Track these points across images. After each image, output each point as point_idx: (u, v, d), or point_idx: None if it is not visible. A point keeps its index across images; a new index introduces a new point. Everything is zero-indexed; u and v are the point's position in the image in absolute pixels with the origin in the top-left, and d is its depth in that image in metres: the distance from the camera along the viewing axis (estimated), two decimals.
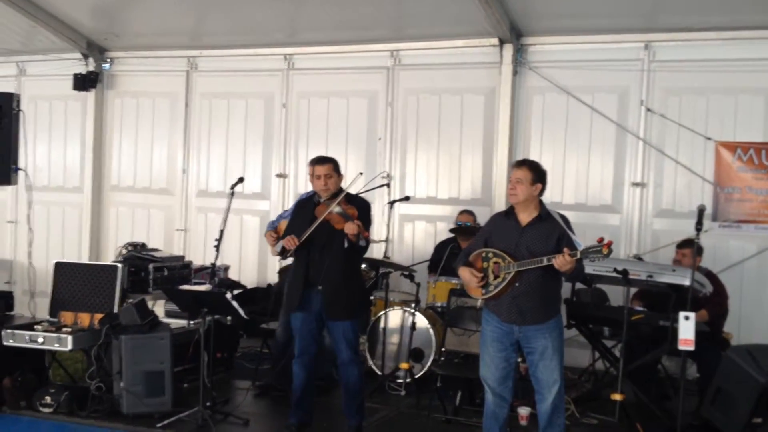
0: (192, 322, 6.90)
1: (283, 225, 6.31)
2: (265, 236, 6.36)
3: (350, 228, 5.02)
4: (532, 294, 4.59)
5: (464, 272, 4.81)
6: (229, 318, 6.88)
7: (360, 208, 5.25)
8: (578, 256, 4.31)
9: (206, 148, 9.75)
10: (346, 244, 5.13)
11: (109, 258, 9.85)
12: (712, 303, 6.26)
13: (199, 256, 9.06)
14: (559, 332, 4.71)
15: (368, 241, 5.33)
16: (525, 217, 4.71)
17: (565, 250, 4.33)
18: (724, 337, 6.48)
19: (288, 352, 6.44)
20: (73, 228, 10.34)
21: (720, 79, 7.50)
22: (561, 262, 4.32)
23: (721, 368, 5.62)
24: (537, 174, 4.70)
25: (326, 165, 5.32)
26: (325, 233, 5.19)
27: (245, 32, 9.08)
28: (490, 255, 4.71)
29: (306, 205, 5.45)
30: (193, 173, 9.84)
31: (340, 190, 5.39)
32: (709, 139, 7.53)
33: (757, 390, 5.27)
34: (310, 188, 7.42)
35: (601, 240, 4.28)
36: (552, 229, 4.62)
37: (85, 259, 9.67)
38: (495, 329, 4.74)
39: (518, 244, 4.64)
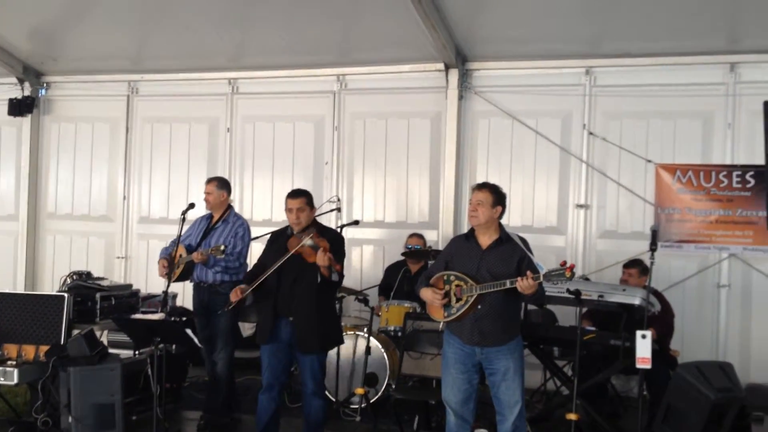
0: (138, 352, 6.72)
1: (179, 250, 6.33)
2: (158, 263, 6.35)
3: (321, 259, 4.95)
4: (493, 316, 4.63)
5: (426, 293, 4.82)
6: (174, 347, 6.72)
7: (332, 240, 5.20)
8: (541, 279, 4.36)
9: (148, 173, 9.60)
10: (319, 279, 5.08)
11: (45, 288, 9.60)
12: (659, 322, 6.40)
13: (141, 283, 8.84)
14: (519, 353, 4.76)
15: (341, 275, 5.27)
16: (485, 239, 4.76)
17: (528, 273, 4.37)
18: (671, 355, 6.63)
19: (230, 382, 6.38)
20: (8, 257, 10.03)
21: (659, 104, 7.75)
22: (525, 285, 4.36)
23: (671, 385, 5.74)
24: (497, 196, 4.75)
25: (298, 199, 5.31)
26: (296, 266, 5.12)
27: (188, 56, 8.99)
28: (452, 278, 4.73)
29: (279, 238, 5.41)
30: (134, 199, 9.68)
31: (314, 222, 5.39)
32: (649, 161, 7.75)
33: (708, 406, 5.40)
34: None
35: (563, 263, 4.34)
36: (512, 252, 4.66)
37: (20, 290, 9.34)
38: (457, 351, 4.75)
39: (479, 267, 4.67)
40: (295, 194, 5.36)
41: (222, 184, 6.58)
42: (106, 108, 9.66)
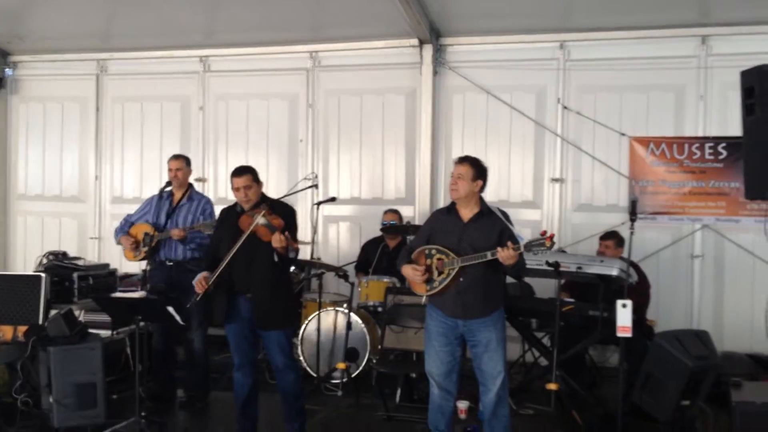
0: (116, 331, 6.68)
1: (141, 228, 6.34)
2: (120, 240, 6.38)
3: (278, 241, 4.90)
4: (475, 288, 4.65)
5: (407, 270, 4.83)
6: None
7: (285, 216, 5.12)
8: (522, 249, 4.39)
9: (120, 153, 9.52)
10: (276, 258, 5.03)
11: (17, 270, 9.46)
12: (636, 292, 6.48)
13: (115, 263, 8.73)
14: (501, 325, 4.80)
15: (297, 251, 5.25)
16: (466, 213, 4.78)
17: (509, 243, 4.40)
18: (647, 325, 6.73)
19: (168, 359, 6.39)
20: None
21: (632, 77, 7.81)
22: (505, 255, 4.38)
23: (650, 354, 5.82)
24: (478, 170, 4.77)
25: (244, 176, 5.17)
26: (250, 243, 5.02)
27: (158, 34, 8.87)
28: (434, 252, 4.75)
29: (229, 215, 5.30)
30: (106, 179, 9.59)
31: (263, 197, 5.29)
32: (623, 134, 7.83)
33: (686, 374, 5.49)
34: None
35: (543, 233, 4.38)
36: (493, 225, 4.69)
37: None
38: (440, 324, 4.78)
39: (461, 240, 4.69)
40: (239, 172, 5.21)
41: (189, 162, 6.62)
42: (75, 87, 9.54)
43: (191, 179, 6.68)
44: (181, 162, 6.51)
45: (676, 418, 5.57)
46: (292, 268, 6.84)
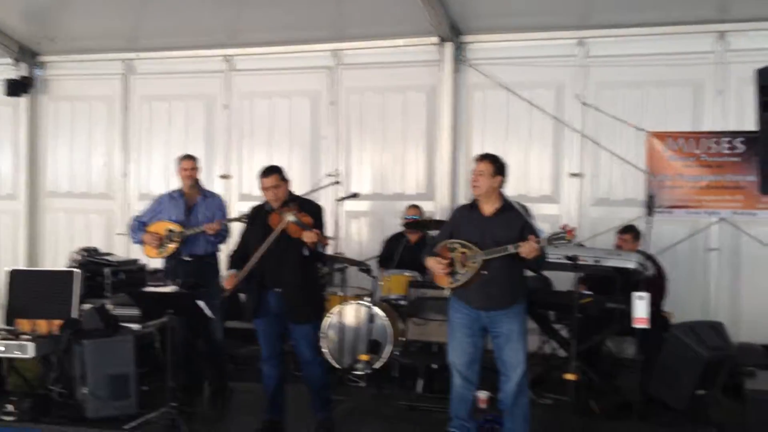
0: (144, 325, 6.87)
1: (161, 225, 6.58)
2: (144, 239, 6.64)
3: (309, 237, 5.07)
4: (499, 281, 4.81)
5: (431, 261, 4.99)
6: None
7: (313, 213, 5.30)
8: (544, 242, 4.54)
9: (147, 151, 9.72)
10: (306, 252, 5.20)
11: (47, 266, 9.70)
12: (653, 285, 6.59)
13: (143, 259, 8.98)
14: (523, 316, 4.96)
15: (327, 246, 5.44)
16: (488, 208, 4.93)
17: (531, 237, 4.56)
18: (663, 316, 6.84)
19: (192, 352, 6.56)
20: (8, 236, 10.16)
21: (650, 73, 7.91)
22: (528, 248, 4.54)
23: (666, 345, 5.95)
24: (497, 167, 4.92)
25: (271, 176, 5.32)
26: (281, 240, 5.21)
27: (184, 34, 9.08)
28: (457, 246, 4.90)
29: (258, 214, 5.47)
30: (133, 177, 9.80)
31: (291, 195, 5.44)
32: (641, 130, 7.93)
33: (701, 364, 5.63)
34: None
35: (564, 227, 4.52)
36: (515, 219, 4.85)
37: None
38: (463, 316, 4.94)
39: (483, 234, 4.85)
40: (267, 172, 5.35)
41: (198, 161, 6.87)
42: (102, 87, 9.76)
43: (216, 176, 6.93)
44: (194, 161, 6.77)
45: (691, 408, 5.70)
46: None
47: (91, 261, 6.81)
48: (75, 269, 6.32)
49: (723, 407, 5.80)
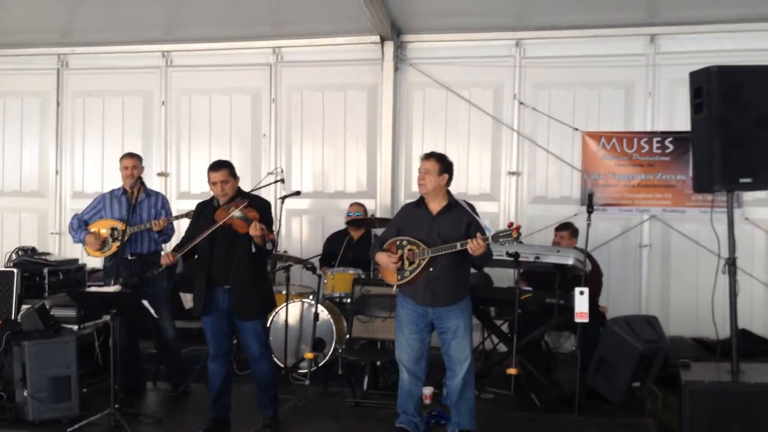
0: (82, 326, 6.75)
1: (103, 223, 6.51)
2: (86, 239, 6.50)
3: (255, 230, 5.08)
4: (445, 278, 4.91)
5: (381, 257, 5.06)
6: None
7: (260, 209, 5.31)
8: (490, 240, 4.66)
9: (81, 148, 9.53)
10: (253, 249, 5.22)
11: None
12: (590, 280, 6.77)
13: (82, 259, 8.82)
14: (469, 312, 5.07)
15: (274, 243, 5.46)
16: (435, 206, 5.02)
17: (478, 234, 4.67)
18: (600, 311, 7.06)
19: (134, 352, 6.54)
20: None
21: (585, 74, 8.15)
22: (475, 246, 4.65)
23: (603, 338, 6.14)
24: (444, 165, 5.03)
25: (221, 171, 5.33)
26: (228, 236, 5.24)
27: (121, 28, 8.90)
28: (405, 243, 4.98)
29: (205, 209, 5.48)
30: (67, 174, 9.59)
31: (239, 191, 5.46)
32: (576, 129, 8.16)
33: (636, 356, 5.82)
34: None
35: (510, 224, 4.65)
36: (461, 217, 4.95)
37: None
38: (410, 312, 5.03)
39: (430, 232, 4.94)
40: (216, 166, 5.36)
41: (141, 159, 6.73)
42: (35, 82, 9.52)
43: (154, 173, 6.83)
44: (136, 160, 6.63)
45: (627, 399, 5.90)
46: None
47: (29, 261, 6.66)
48: (14, 269, 6.15)
49: (657, 398, 6.02)
